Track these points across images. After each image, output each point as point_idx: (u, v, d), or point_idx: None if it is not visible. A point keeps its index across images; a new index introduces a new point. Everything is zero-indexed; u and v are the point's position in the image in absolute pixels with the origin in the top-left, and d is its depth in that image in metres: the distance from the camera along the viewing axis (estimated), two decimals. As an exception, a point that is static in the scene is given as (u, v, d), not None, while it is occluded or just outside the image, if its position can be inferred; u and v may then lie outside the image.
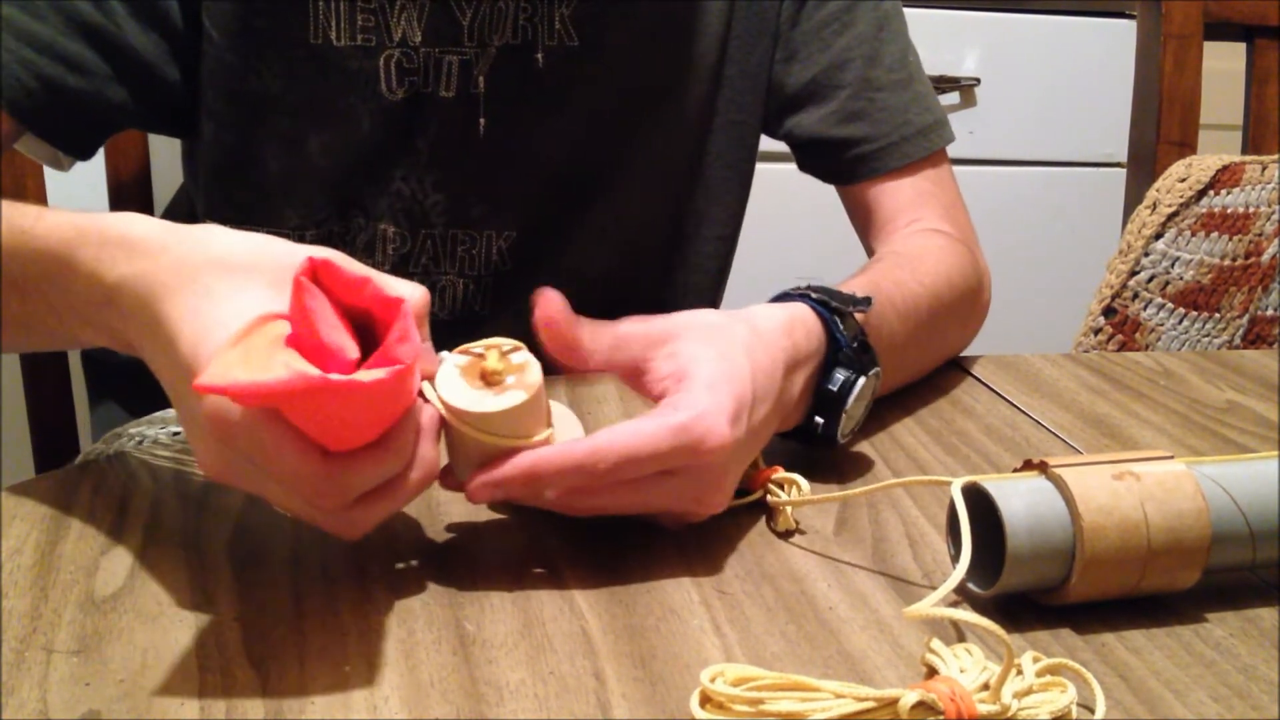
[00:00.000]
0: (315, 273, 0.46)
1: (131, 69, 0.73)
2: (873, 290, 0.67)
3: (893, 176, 0.85)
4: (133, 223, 0.52)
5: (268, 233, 0.79)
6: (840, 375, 0.61)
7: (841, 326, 0.62)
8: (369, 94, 0.76)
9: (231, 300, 0.47)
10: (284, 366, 0.43)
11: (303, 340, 0.45)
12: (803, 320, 0.60)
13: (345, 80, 0.76)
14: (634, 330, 0.55)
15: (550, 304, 0.53)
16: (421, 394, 0.49)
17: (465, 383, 0.50)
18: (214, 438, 0.45)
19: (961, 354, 0.83)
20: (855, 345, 0.62)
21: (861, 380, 0.61)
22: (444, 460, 0.52)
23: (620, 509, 0.53)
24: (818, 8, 0.85)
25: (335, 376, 0.43)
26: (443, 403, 0.49)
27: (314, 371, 0.43)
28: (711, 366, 0.53)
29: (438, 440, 0.50)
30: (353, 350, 0.45)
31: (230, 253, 0.49)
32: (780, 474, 0.57)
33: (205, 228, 0.52)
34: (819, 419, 0.61)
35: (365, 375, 0.43)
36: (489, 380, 0.50)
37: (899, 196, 0.85)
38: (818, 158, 0.88)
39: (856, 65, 0.85)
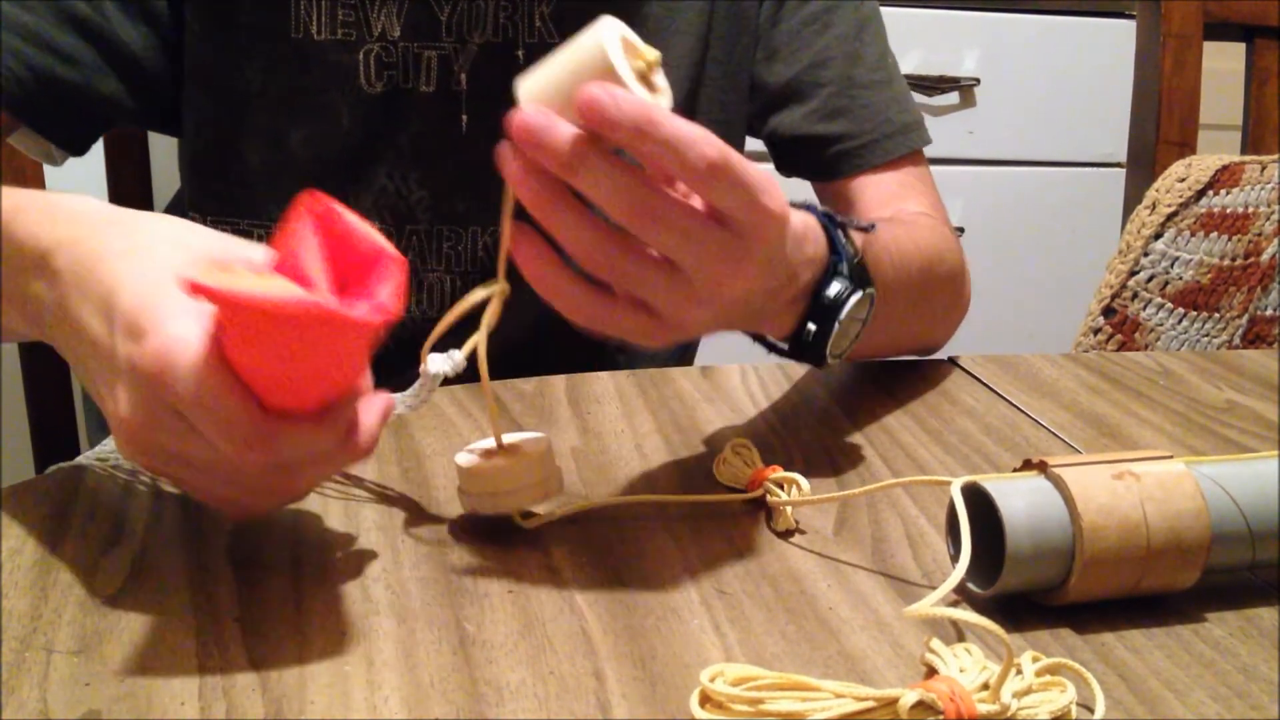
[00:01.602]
0: (315, 212, 0.44)
1: (122, 61, 0.73)
2: (873, 243, 0.67)
3: (875, 172, 0.87)
4: (86, 200, 0.52)
5: (249, 224, 0.79)
6: (838, 284, 0.60)
7: (844, 240, 0.61)
8: (348, 88, 0.77)
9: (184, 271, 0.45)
10: (283, 287, 0.41)
11: (285, 274, 0.43)
12: (812, 226, 0.60)
13: (325, 74, 0.76)
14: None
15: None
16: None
17: (625, 56, 0.49)
18: (146, 387, 0.44)
19: (961, 354, 0.83)
20: (855, 260, 0.61)
21: (858, 293, 0.61)
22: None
23: (657, 238, 0.50)
24: (798, 8, 0.86)
25: (327, 301, 0.41)
26: (608, 56, 0.48)
27: (310, 297, 0.41)
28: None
29: (379, 428, 0.49)
30: (329, 296, 0.43)
31: (188, 237, 0.49)
32: (780, 474, 0.57)
33: (162, 214, 0.51)
34: (812, 325, 0.61)
35: (355, 311, 0.42)
36: (644, 80, 0.49)
37: (881, 190, 0.86)
38: (800, 155, 0.89)
39: (837, 64, 0.86)
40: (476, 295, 0.52)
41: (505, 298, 0.52)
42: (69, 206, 0.52)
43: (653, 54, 0.50)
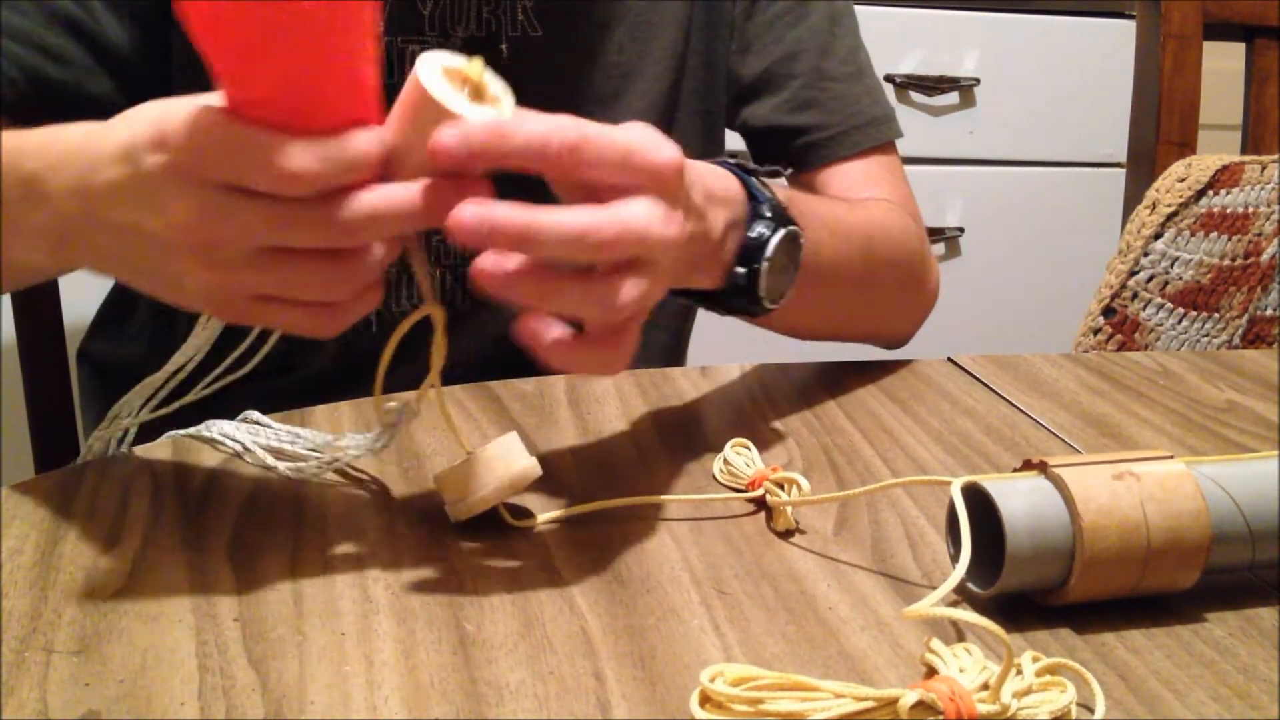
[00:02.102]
0: None
1: (112, 62, 0.74)
2: (799, 204, 0.67)
3: (843, 163, 0.88)
4: (77, 125, 0.54)
5: None
6: (760, 226, 0.61)
7: (758, 185, 0.62)
8: None
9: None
10: None
11: None
12: (720, 172, 0.60)
13: None
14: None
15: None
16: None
17: (449, 84, 0.49)
18: (192, 175, 0.47)
19: (961, 354, 0.83)
20: (774, 203, 0.62)
21: (781, 231, 0.61)
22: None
23: (572, 233, 0.49)
24: (771, 3, 0.87)
25: None
26: (427, 91, 0.49)
27: None
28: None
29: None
30: None
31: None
32: (780, 474, 0.57)
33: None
34: (740, 268, 0.60)
35: None
36: (474, 93, 0.50)
37: (848, 179, 0.88)
38: (772, 146, 0.90)
39: (809, 56, 0.87)
40: (414, 318, 0.53)
41: (444, 324, 0.53)
42: (63, 132, 0.54)
43: (475, 67, 0.51)
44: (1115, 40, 1.72)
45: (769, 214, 0.61)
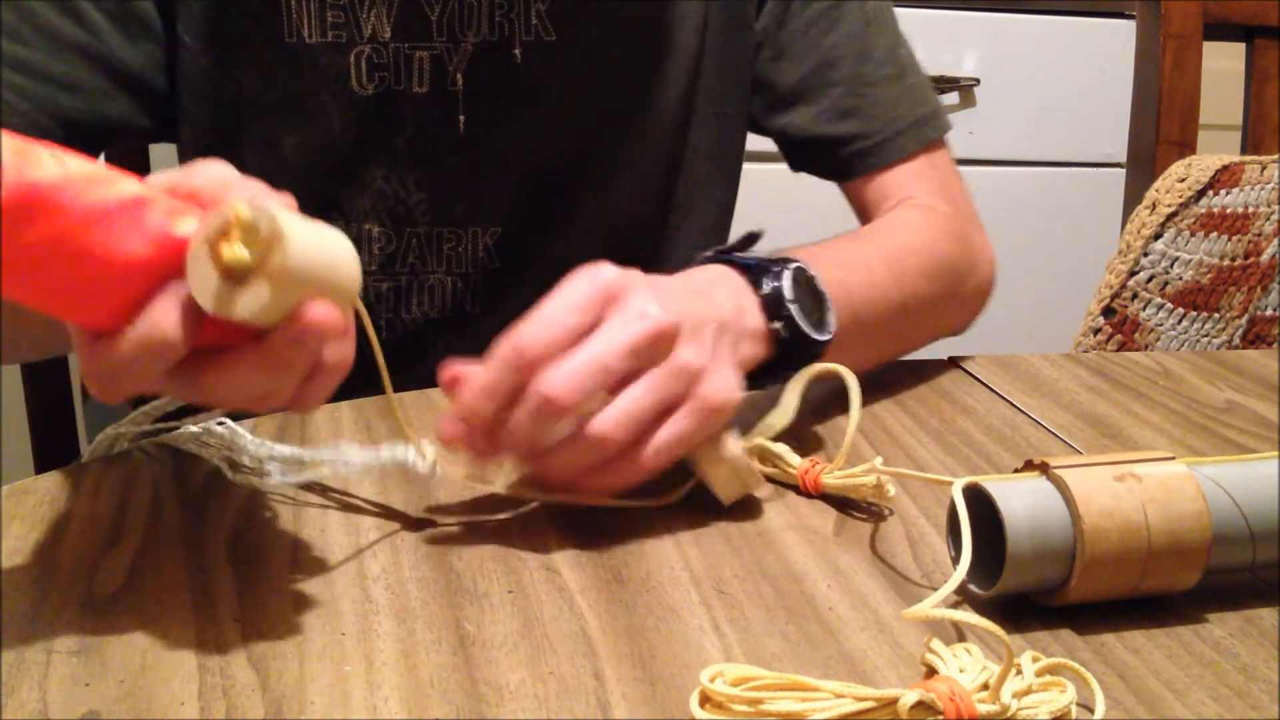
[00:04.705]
0: None
1: (126, 82, 0.73)
2: (800, 252, 0.67)
3: (889, 169, 0.87)
4: None
5: None
6: (767, 280, 0.62)
7: (740, 254, 0.64)
8: (339, 90, 0.76)
9: None
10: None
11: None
12: (697, 270, 0.62)
13: (316, 77, 0.76)
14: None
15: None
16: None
17: (210, 265, 0.42)
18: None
19: (961, 354, 0.83)
20: (761, 258, 0.63)
21: (785, 272, 0.62)
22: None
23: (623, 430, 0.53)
24: (804, 8, 0.86)
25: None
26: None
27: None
28: None
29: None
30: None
31: None
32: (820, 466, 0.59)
33: None
34: (775, 323, 0.62)
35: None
36: (231, 273, 0.42)
37: (889, 185, 0.87)
38: (813, 156, 0.89)
39: (847, 63, 0.86)
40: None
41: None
42: None
43: (240, 213, 0.42)
44: (1115, 40, 1.72)
45: (770, 267, 0.62)
